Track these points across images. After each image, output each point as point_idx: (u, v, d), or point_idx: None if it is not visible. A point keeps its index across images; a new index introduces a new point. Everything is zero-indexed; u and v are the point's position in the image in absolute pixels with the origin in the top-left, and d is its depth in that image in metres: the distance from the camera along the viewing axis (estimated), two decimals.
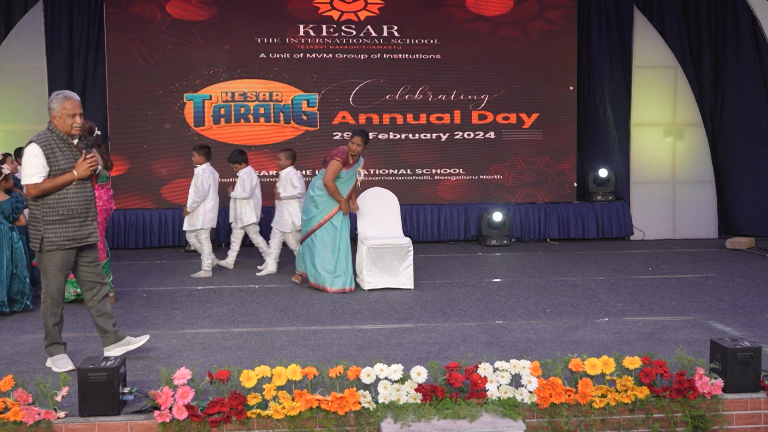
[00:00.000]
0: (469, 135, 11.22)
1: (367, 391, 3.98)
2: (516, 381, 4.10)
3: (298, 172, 8.41)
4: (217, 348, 5.35)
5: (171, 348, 5.35)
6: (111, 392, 3.87)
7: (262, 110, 10.85)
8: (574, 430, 4.04)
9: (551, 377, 4.08)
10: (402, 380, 4.04)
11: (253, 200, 8.46)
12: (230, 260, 8.66)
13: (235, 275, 8.30)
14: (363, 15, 10.94)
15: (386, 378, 4.02)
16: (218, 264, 8.57)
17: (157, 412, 3.83)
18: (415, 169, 11.16)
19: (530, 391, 4.04)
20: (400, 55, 11.01)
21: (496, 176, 11.26)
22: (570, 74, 11.27)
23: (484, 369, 4.09)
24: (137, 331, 5.80)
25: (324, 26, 10.88)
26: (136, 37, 10.58)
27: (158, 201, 10.76)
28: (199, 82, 10.74)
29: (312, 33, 10.88)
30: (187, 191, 8.33)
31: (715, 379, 4.19)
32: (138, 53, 10.60)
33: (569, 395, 4.05)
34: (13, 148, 8.64)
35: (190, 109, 10.76)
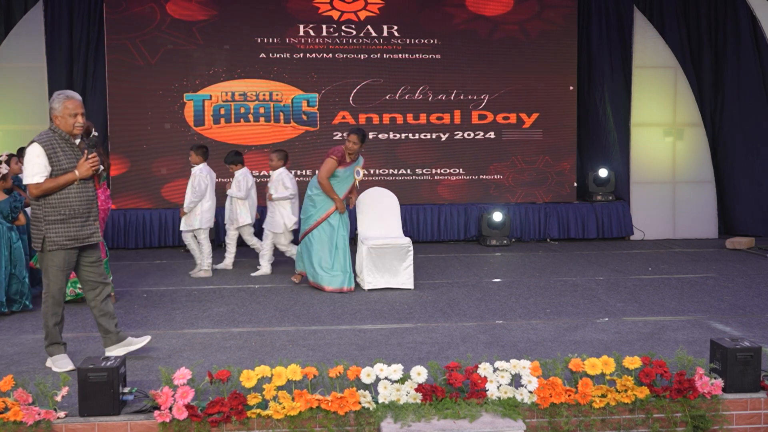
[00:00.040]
0: (469, 135, 11.22)
1: (367, 391, 3.98)
2: (516, 381, 4.10)
3: (290, 173, 8.40)
4: (217, 348, 5.35)
5: (171, 348, 5.35)
6: (111, 392, 3.87)
7: (262, 110, 10.85)
8: (574, 430, 4.04)
9: (551, 377, 4.08)
10: (402, 380, 4.04)
11: (248, 201, 8.45)
12: (228, 262, 8.65)
13: (234, 275, 8.30)
14: (363, 15, 10.94)
15: (386, 378, 4.02)
16: (216, 268, 8.54)
17: (157, 412, 3.84)
18: (415, 169, 11.16)
19: (530, 391, 4.04)
20: (400, 55, 11.01)
21: (496, 176, 11.26)
22: (570, 74, 11.27)
23: (484, 369, 4.09)
24: (137, 331, 5.80)
25: (324, 26, 10.88)
26: (136, 37, 10.58)
27: (158, 201, 10.76)
28: (199, 82, 10.74)
29: (312, 33, 10.88)
30: None
31: (715, 379, 4.19)
32: (138, 53, 10.60)
33: (569, 395, 4.05)
34: (13, 148, 8.64)
35: (190, 109, 10.76)
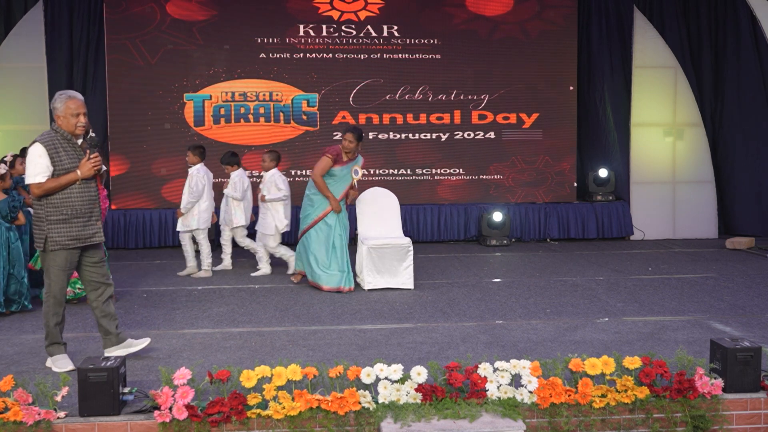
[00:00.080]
0: (469, 135, 11.22)
1: (367, 391, 3.98)
2: (516, 381, 4.10)
3: (283, 174, 8.39)
4: (217, 348, 5.35)
5: (171, 348, 5.35)
6: (111, 392, 3.87)
7: (262, 110, 10.85)
8: (574, 430, 4.04)
9: (551, 377, 4.08)
10: (402, 380, 4.04)
11: (243, 203, 8.44)
12: (227, 262, 8.64)
13: (234, 275, 8.30)
14: (363, 15, 10.94)
15: (386, 378, 4.02)
16: (216, 269, 8.52)
17: (157, 412, 3.84)
18: (415, 169, 11.16)
19: (530, 391, 4.04)
20: (400, 55, 11.01)
21: (496, 176, 11.26)
22: (570, 74, 11.27)
23: (484, 369, 4.09)
24: (137, 331, 5.80)
25: (324, 26, 10.88)
26: (136, 37, 10.58)
27: (158, 201, 10.76)
28: (199, 82, 10.74)
29: (312, 33, 10.88)
30: None
31: (715, 379, 4.19)
32: (138, 53, 10.60)
33: (569, 395, 4.05)
34: (13, 148, 8.64)
35: (190, 109, 10.76)
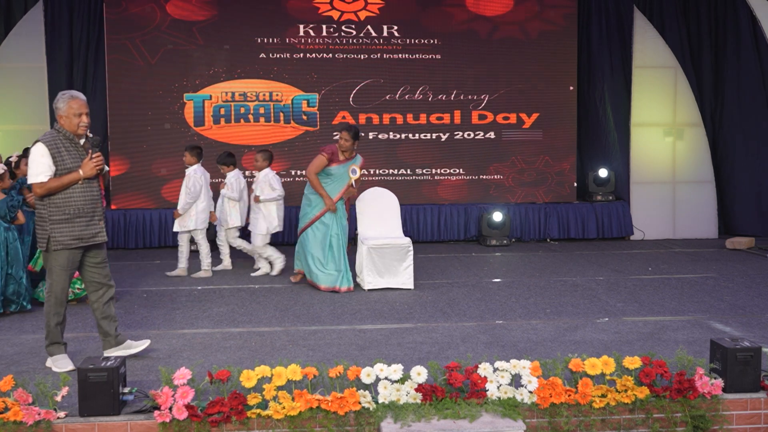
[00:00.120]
0: (469, 135, 11.22)
1: (367, 391, 3.98)
2: (516, 381, 4.10)
3: (276, 174, 8.36)
4: (217, 348, 5.35)
5: (171, 348, 5.35)
6: (111, 392, 3.87)
7: (262, 110, 10.85)
8: (574, 430, 4.04)
9: (551, 377, 4.08)
10: (402, 380, 4.04)
11: (240, 203, 8.43)
12: (227, 262, 8.64)
13: (234, 275, 8.30)
14: (363, 15, 10.94)
15: (386, 378, 4.02)
16: (216, 269, 8.52)
17: (157, 412, 3.84)
18: (415, 169, 11.16)
19: (530, 391, 4.04)
20: (400, 55, 11.01)
21: (496, 176, 11.26)
22: (570, 74, 11.27)
23: (484, 369, 4.09)
24: (137, 331, 5.80)
25: (324, 26, 10.87)
26: (136, 37, 10.58)
27: (158, 201, 10.76)
28: (199, 82, 10.74)
29: (312, 33, 10.88)
30: None
31: (715, 379, 4.19)
32: (138, 53, 10.59)
33: (569, 395, 4.05)
34: (13, 148, 8.63)
35: (190, 109, 10.76)
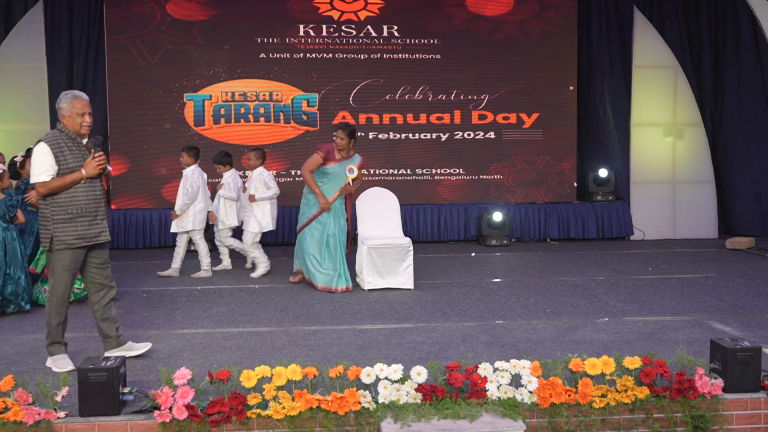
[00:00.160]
0: (469, 135, 11.22)
1: (367, 391, 3.98)
2: (516, 381, 4.10)
3: (270, 172, 8.34)
4: (217, 348, 5.35)
5: (171, 348, 5.35)
6: (111, 392, 3.87)
7: (262, 110, 10.85)
8: (574, 430, 4.04)
9: (551, 377, 4.08)
10: (402, 380, 4.04)
11: (236, 203, 8.43)
12: (226, 262, 8.64)
13: (234, 275, 8.30)
14: (363, 15, 10.94)
15: (386, 378, 4.02)
16: (216, 269, 8.51)
17: (157, 412, 3.84)
18: (415, 169, 11.16)
19: (530, 391, 4.04)
20: (400, 55, 11.01)
21: (496, 176, 11.26)
22: (570, 74, 11.27)
23: (484, 369, 4.09)
24: (137, 331, 5.80)
25: (324, 26, 10.88)
26: (136, 37, 10.58)
27: (158, 201, 10.76)
28: (199, 82, 10.74)
29: (312, 33, 10.88)
30: None
31: (715, 379, 4.19)
32: (138, 53, 10.60)
33: (569, 395, 4.05)
34: (13, 148, 8.64)
35: (190, 109, 10.76)
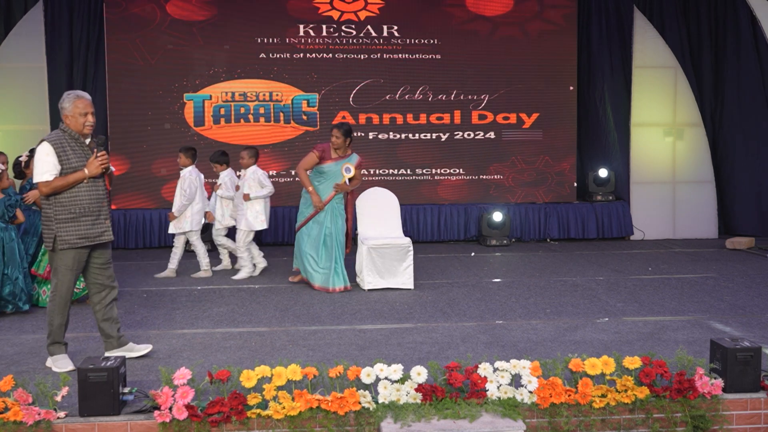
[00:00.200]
0: (469, 135, 11.22)
1: (367, 391, 3.98)
2: (516, 381, 4.10)
3: (264, 171, 8.33)
4: (217, 348, 5.35)
5: (171, 348, 5.35)
6: (111, 392, 3.87)
7: (262, 110, 10.85)
8: (574, 430, 4.04)
9: (551, 377, 4.08)
10: (402, 380, 4.04)
11: (232, 203, 8.41)
12: (226, 262, 8.63)
13: (234, 275, 8.28)
14: (363, 15, 10.94)
15: (386, 378, 4.02)
16: (215, 269, 8.51)
17: (157, 412, 3.83)
18: (415, 169, 11.16)
19: (530, 391, 4.04)
20: (400, 55, 11.01)
21: (496, 176, 11.26)
22: (570, 74, 11.27)
23: (484, 369, 4.09)
24: (138, 331, 5.80)
25: (324, 26, 10.88)
26: (136, 37, 10.58)
27: (158, 201, 10.76)
28: (199, 82, 10.74)
29: (312, 33, 10.88)
30: None
31: (715, 379, 4.19)
32: (138, 53, 10.60)
33: (569, 395, 4.05)
34: (13, 148, 8.64)
35: (190, 109, 10.76)
